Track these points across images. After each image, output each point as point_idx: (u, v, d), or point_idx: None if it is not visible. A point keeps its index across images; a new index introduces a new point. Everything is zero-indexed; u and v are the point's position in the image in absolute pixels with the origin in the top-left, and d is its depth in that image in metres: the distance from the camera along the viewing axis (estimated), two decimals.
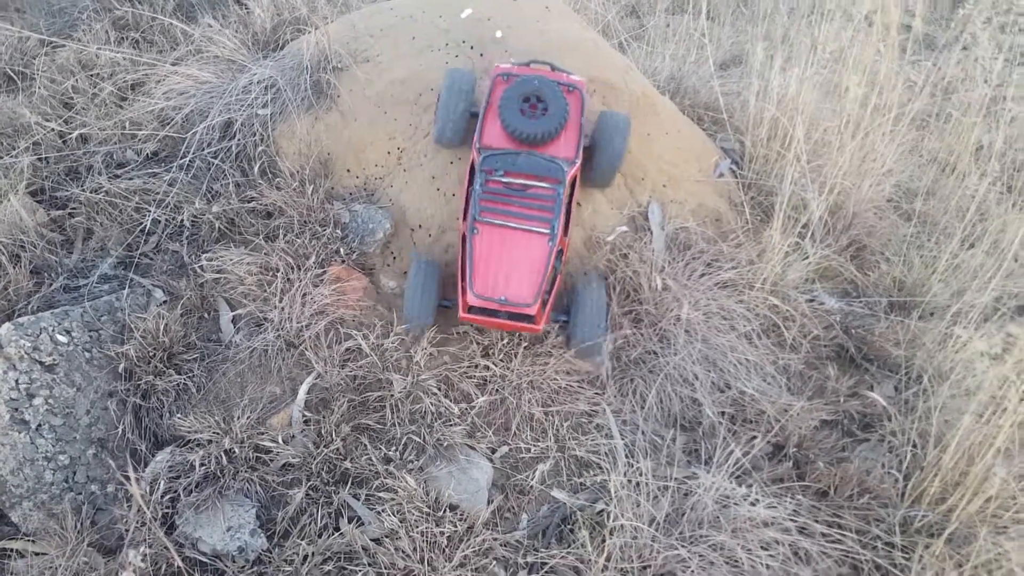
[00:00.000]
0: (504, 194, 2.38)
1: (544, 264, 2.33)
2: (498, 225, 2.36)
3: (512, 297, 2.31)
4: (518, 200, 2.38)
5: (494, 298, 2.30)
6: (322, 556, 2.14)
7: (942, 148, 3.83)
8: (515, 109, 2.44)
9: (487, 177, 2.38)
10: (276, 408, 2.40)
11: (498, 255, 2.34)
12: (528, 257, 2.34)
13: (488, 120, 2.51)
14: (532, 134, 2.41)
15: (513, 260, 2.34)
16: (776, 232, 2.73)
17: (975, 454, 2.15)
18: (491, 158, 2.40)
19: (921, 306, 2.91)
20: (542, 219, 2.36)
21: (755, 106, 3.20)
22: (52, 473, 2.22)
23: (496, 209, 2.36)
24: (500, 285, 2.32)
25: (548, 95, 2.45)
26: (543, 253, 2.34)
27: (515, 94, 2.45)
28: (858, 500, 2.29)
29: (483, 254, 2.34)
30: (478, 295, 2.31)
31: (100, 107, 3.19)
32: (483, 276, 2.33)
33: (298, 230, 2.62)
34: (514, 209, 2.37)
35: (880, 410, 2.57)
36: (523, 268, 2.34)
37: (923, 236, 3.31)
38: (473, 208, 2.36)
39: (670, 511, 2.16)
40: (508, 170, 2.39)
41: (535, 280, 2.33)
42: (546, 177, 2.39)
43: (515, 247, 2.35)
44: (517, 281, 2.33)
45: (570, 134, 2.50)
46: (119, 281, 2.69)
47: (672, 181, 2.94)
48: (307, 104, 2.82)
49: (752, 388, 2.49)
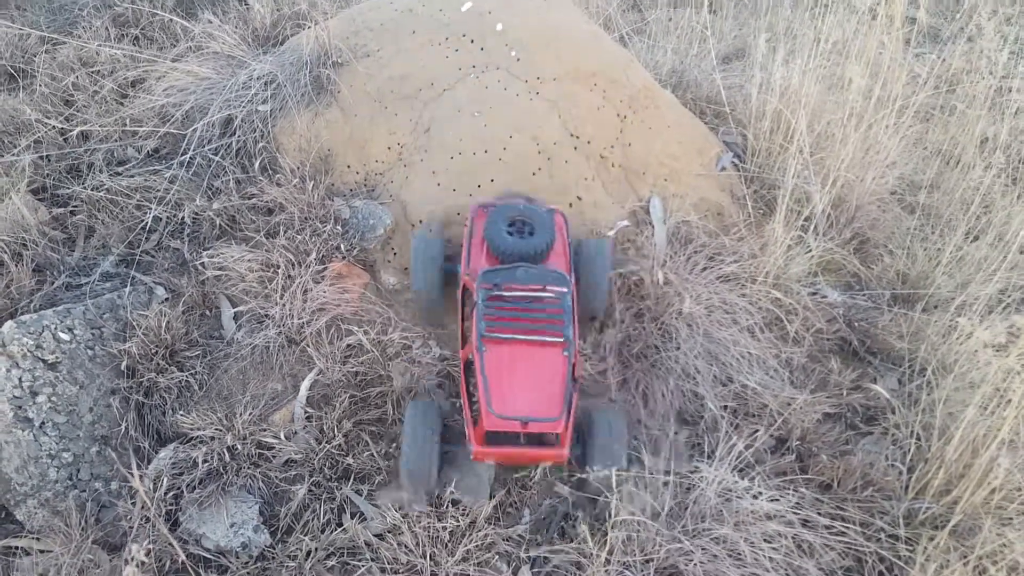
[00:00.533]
0: (509, 308, 2.19)
1: (563, 375, 2.11)
2: (507, 340, 2.14)
3: (536, 414, 2.06)
4: (525, 312, 2.19)
5: (516, 417, 2.04)
6: (325, 552, 2.14)
7: (946, 140, 3.81)
8: (503, 232, 2.33)
9: (487, 292, 2.20)
10: (278, 405, 2.40)
11: (511, 372, 2.11)
12: (545, 370, 2.12)
13: (474, 250, 2.39)
14: (524, 252, 2.29)
15: (529, 375, 2.12)
16: (779, 225, 2.72)
17: (979, 446, 2.14)
18: (490, 274, 2.23)
19: (925, 299, 2.89)
20: (553, 328, 2.16)
21: (757, 99, 3.19)
22: (56, 471, 2.23)
23: (503, 324, 2.16)
24: (520, 403, 2.07)
25: (532, 217, 2.38)
26: (560, 363, 2.13)
27: (500, 219, 2.36)
28: (862, 493, 2.29)
29: (496, 372, 2.10)
30: (499, 415, 2.04)
31: (101, 104, 3.19)
32: (499, 394, 2.07)
33: (299, 226, 2.62)
34: (522, 322, 2.17)
35: (883, 403, 2.56)
36: (542, 382, 2.11)
37: (927, 229, 3.29)
38: (478, 325, 2.16)
39: (673, 505, 2.16)
40: (508, 283, 2.22)
41: (557, 394, 2.09)
42: (551, 286, 2.22)
43: (529, 362, 2.14)
44: (538, 397, 2.09)
45: (559, 253, 2.40)
46: (121, 279, 2.69)
47: (673, 175, 2.93)
48: (307, 100, 2.81)
49: (755, 382, 2.48)
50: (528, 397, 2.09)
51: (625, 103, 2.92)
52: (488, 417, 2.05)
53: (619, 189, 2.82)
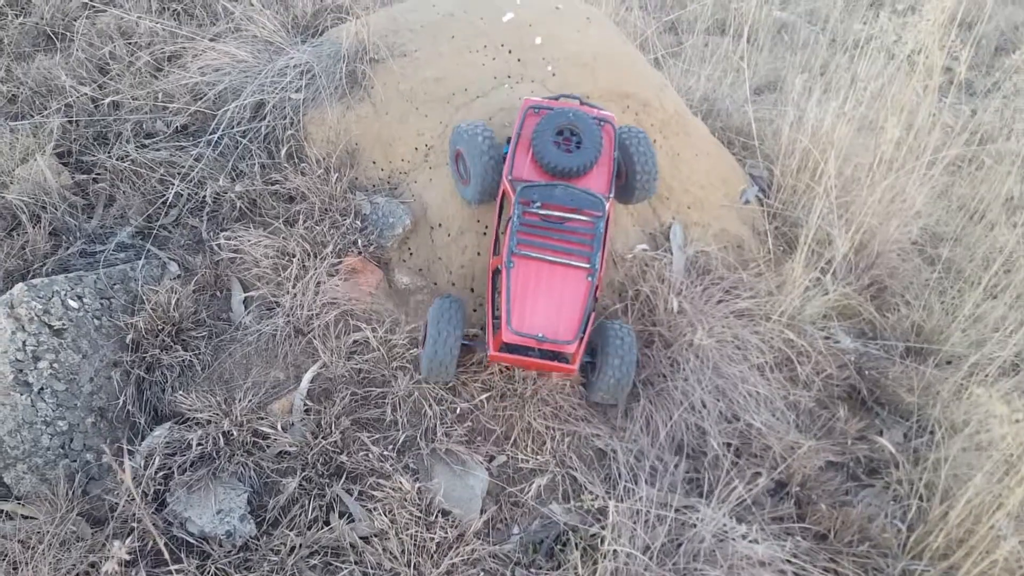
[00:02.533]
0: (542, 227, 2.27)
1: (584, 301, 2.23)
2: (535, 259, 2.24)
3: (552, 334, 2.19)
4: (556, 233, 2.27)
5: (532, 334, 2.18)
6: (309, 549, 2.12)
7: (973, 195, 3.77)
8: (549, 142, 2.35)
9: (524, 209, 2.28)
10: (278, 394, 2.38)
11: (535, 290, 2.23)
12: (567, 293, 2.23)
13: (519, 153, 2.42)
14: (568, 167, 2.33)
15: (552, 296, 2.23)
16: (799, 265, 2.69)
17: (983, 513, 2.11)
18: (528, 189, 2.29)
19: (938, 354, 2.86)
20: (581, 253, 2.26)
21: (788, 136, 3.16)
22: (49, 438, 2.22)
23: (534, 242, 2.25)
24: (538, 321, 2.20)
25: (582, 128, 2.38)
26: (583, 289, 2.24)
27: (549, 126, 2.37)
28: (858, 547, 2.25)
29: (521, 288, 2.22)
30: (516, 331, 2.18)
31: (135, 76, 3.19)
32: (520, 311, 2.20)
33: (318, 217, 2.60)
34: (552, 242, 2.26)
35: (888, 456, 2.52)
36: (562, 304, 2.23)
37: (946, 282, 3.26)
38: (510, 241, 2.25)
39: (666, 541, 2.12)
40: (546, 202, 2.29)
41: (575, 317, 2.21)
42: (586, 210, 2.29)
43: (553, 282, 2.24)
44: (556, 317, 2.21)
45: (603, 168, 2.42)
46: (136, 251, 2.68)
47: (697, 203, 2.91)
48: (340, 93, 2.80)
49: (760, 422, 2.45)
50: (546, 317, 2.21)
51: (656, 127, 2.90)
52: (506, 331, 2.19)
53: (641, 212, 2.80)
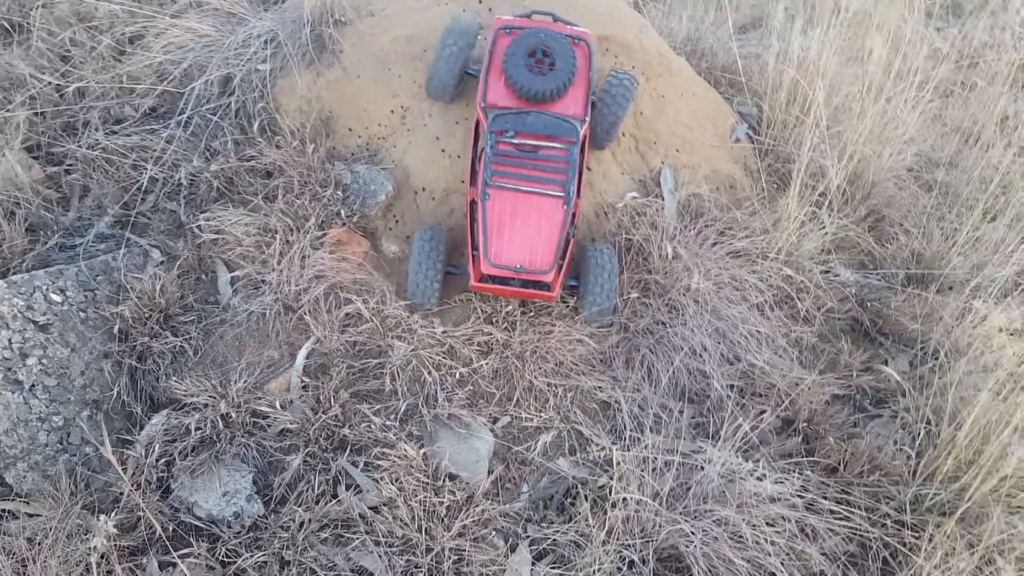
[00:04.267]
0: (516, 156, 2.27)
1: (560, 229, 2.24)
2: (510, 189, 2.24)
3: (528, 264, 2.21)
4: (530, 162, 2.27)
5: (510, 266, 2.21)
6: (319, 523, 2.10)
7: (966, 118, 3.70)
8: (521, 65, 2.31)
9: (497, 139, 2.26)
10: (274, 373, 2.35)
11: (512, 221, 2.24)
12: (543, 222, 2.25)
13: (491, 77, 2.38)
14: (541, 91, 2.29)
15: (528, 226, 2.24)
16: (792, 200, 2.64)
17: (991, 432, 2.09)
18: (500, 118, 2.28)
19: (939, 279, 2.82)
20: (556, 182, 2.26)
21: (774, 69, 3.09)
22: (46, 434, 2.18)
23: (508, 173, 2.25)
24: (515, 252, 2.22)
25: (555, 48, 2.33)
26: (558, 217, 2.24)
27: (520, 48, 2.32)
28: (868, 477, 2.24)
29: (496, 220, 2.23)
30: (493, 263, 2.21)
31: (98, 60, 3.10)
32: (497, 243, 2.22)
33: (298, 191, 2.54)
34: (527, 172, 2.26)
35: (894, 385, 2.50)
36: (538, 234, 2.24)
37: (944, 208, 3.21)
38: (484, 172, 2.24)
39: (675, 485, 2.11)
40: (519, 130, 2.27)
41: (551, 246, 2.24)
42: (559, 137, 2.28)
43: (529, 212, 2.25)
44: (533, 247, 2.23)
45: (578, 90, 2.38)
46: (116, 240, 2.62)
47: (686, 145, 2.85)
48: (308, 60, 2.72)
49: (762, 361, 2.42)
50: (523, 247, 2.22)
51: (638, 70, 2.82)
52: (484, 263, 2.21)
53: (629, 159, 2.74)
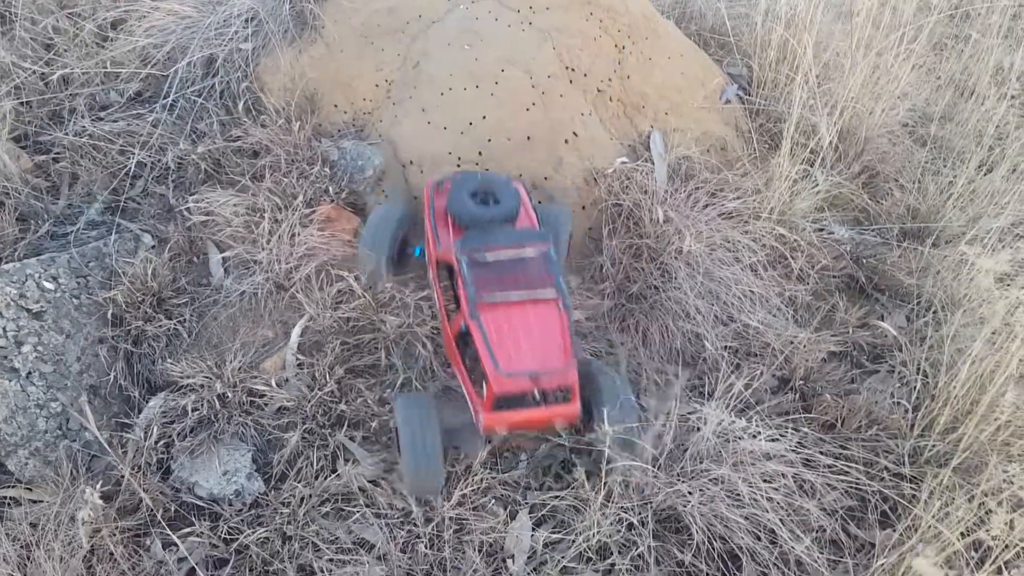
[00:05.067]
0: (495, 270, 2.09)
1: (564, 330, 2.03)
2: (501, 303, 2.04)
3: (543, 366, 1.96)
4: (511, 273, 2.09)
5: (524, 372, 1.94)
6: (320, 498, 2.12)
7: (960, 70, 3.66)
8: (468, 203, 2.21)
9: (470, 258, 2.09)
10: (269, 352, 2.35)
11: (512, 333, 2.02)
12: (545, 327, 2.03)
13: (440, 228, 2.28)
14: (495, 218, 2.21)
15: (531, 333, 2.03)
16: (784, 159, 2.61)
17: (987, 381, 2.08)
18: (468, 240, 2.13)
19: (935, 233, 2.80)
20: (545, 284, 2.08)
21: (763, 27, 3.05)
22: (45, 420, 2.20)
23: (492, 288, 2.06)
24: (526, 359, 1.97)
25: (495, 186, 2.27)
26: (559, 318, 2.04)
27: (461, 192, 2.24)
28: (866, 432, 2.24)
29: (497, 333, 2.00)
30: (507, 373, 1.93)
31: (81, 47, 3.08)
32: (506, 353, 1.97)
33: (285, 169, 2.53)
34: (511, 280, 2.08)
35: (891, 340, 2.49)
36: (544, 338, 2.02)
37: (939, 162, 3.18)
38: (469, 293, 2.04)
39: (672, 448, 2.11)
40: (490, 246, 2.11)
41: (562, 345, 2.01)
42: (530, 244, 2.13)
43: (527, 320, 2.04)
44: (543, 352, 1.99)
45: (525, 219, 2.30)
46: (107, 227, 2.63)
47: (675, 108, 2.82)
48: (290, 37, 2.70)
49: (757, 321, 2.41)
50: (534, 352, 1.99)
51: (624, 33, 2.79)
52: (496, 379, 1.93)
53: (618, 124, 2.72)
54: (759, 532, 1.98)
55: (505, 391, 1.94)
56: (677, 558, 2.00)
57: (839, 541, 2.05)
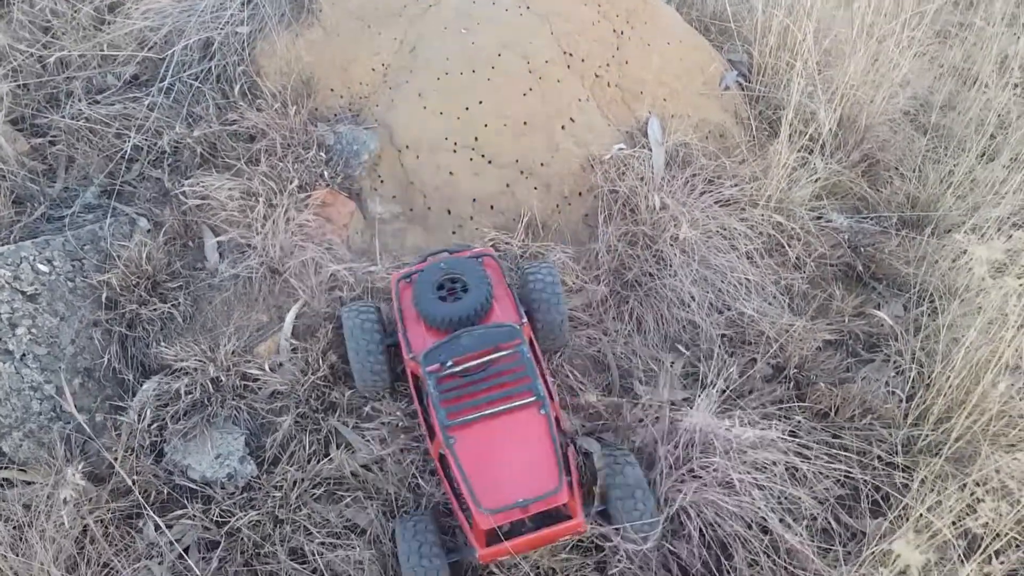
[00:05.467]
0: (465, 384, 1.94)
1: (549, 437, 1.87)
2: (475, 420, 1.89)
3: (532, 492, 1.80)
4: (484, 382, 1.94)
5: (510, 505, 1.79)
6: (312, 482, 2.12)
7: (962, 58, 3.63)
8: (433, 300, 2.10)
9: (437, 375, 1.94)
10: (263, 336, 2.35)
11: (491, 454, 1.87)
12: (527, 438, 1.89)
13: (410, 328, 2.15)
14: (464, 315, 2.05)
15: (511, 450, 1.88)
16: (783, 146, 2.59)
17: (980, 371, 2.07)
18: (431, 354, 1.97)
19: (934, 222, 2.78)
20: (521, 388, 1.92)
21: (763, 13, 3.02)
22: (39, 403, 2.20)
23: (464, 404, 1.91)
24: (510, 486, 1.82)
25: (462, 271, 2.13)
26: (541, 425, 1.89)
27: (426, 287, 2.12)
28: (860, 421, 2.23)
29: (473, 462, 1.85)
30: (491, 511, 1.78)
31: (78, 30, 3.06)
32: (484, 486, 1.82)
33: (281, 153, 2.52)
34: (484, 393, 1.93)
35: (887, 330, 2.48)
36: (528, 453, 1.87)
37: (939, 150, 3.16)
38: (439, 415, 1.90)
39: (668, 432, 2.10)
40: (456, 356, 1.96)
41: (550, 460, 1.85)
42: (502, 344, 1.98)
43: (507, 434, 1.89)
44: (528, 471, 1.84)
45: (503, 300, 2.16)
46: (102, 210, 2.62)
47: (673, 95, 2.80)
48: (287, 20, 2.69)
49: (752, 309, 2.40)
50: (518, 476, 1.84)
51: (622, 18, 2.77)
52: (481, 517, 1.79)
53: (615, 110, 2.70)
54: (751, 521, 1.98)
55: (491, 527, 1.81)
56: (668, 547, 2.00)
57: (830, 530, 2.05)
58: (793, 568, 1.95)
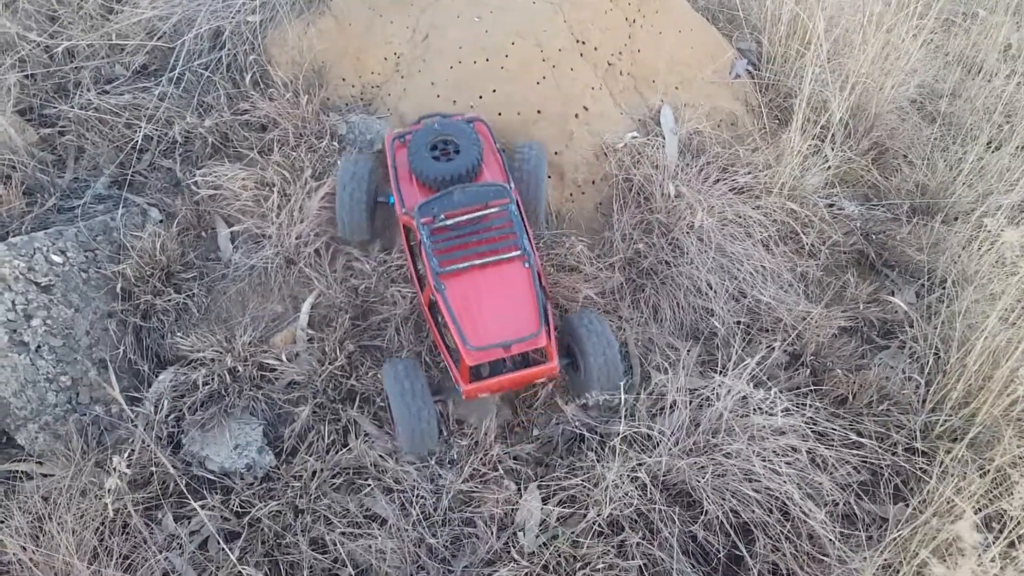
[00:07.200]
0: (456, 236, 2.09)
1: (532, 289, 2.05)
2: (464, 269, 2.05)
3: (514, 334, 1.98)
4: (474, 235, 2.10)
5: (495, 343, 1.97)
6: (331, 472, 2.11)
7: (968, 47, 3.64)
8: (427, 159, 2.23)
9: (430, 227, 2.09)
10: (279, 326, 2.34)
11: (478, 300, 2.03)
12: (512, 288, 2.05)
13: (403, 185, 2.28)
14: (455, 173, 2.20)
15: (497, 298, 2.04)
16: (795, 134, 2.59)
17: (1000, 356, 2.08)
18: (425, 206, 2.11)
19: (945, 209, 2.79)
20: (508, 243, 2.08)
21: (773, 2, 3.02)
22: (55, 394, 2.19)
23: (454, 254, 2.07)
24: (496, 328, 1.99)
25: (454, 133, 2.25)
26: (525, 278, 2.05)
27: (420, 146, 2.23)
28: (878, 407, 2.24)
29: (462, 306, 2.02)
30: (477, 347, 1.96)
31: (86, 20, 3.04)
32: (473, 327, 2.00)
33: (293, 143, 2.51)
34: (473, 246, 2.08)
35: (901, 316, 2.49)
36: (512, 302, 2.03)
37: (948, 138, 3.17)
38: (431, 263, 2.04)
39: (687, 422, 2.10)
40: (448, 210, 2.11)
41: (531, 308, 2.02)
42: (492, 201, 2.12)
43: (493, 284, 2.05)
44: (512, 317, 2.01)
45: (491, 164, 2.29)
46: (114, 200, 2.60)
47: (685, 83, 2.80)
48: (298, 9, 2.67)
49: (768, 296, 2.40)
50: (502, 320, 2.01)
51: (634, 6, 2.76)
52: (468, 353, 1.97)
53: (628, 98, 2.69)
54: (772, 506, 1.98)
55: (477, 362, 1.99)
56: (690, 531, 2.00)
57: (852, 515, 2.05)
58: (815, 553, 1.96)
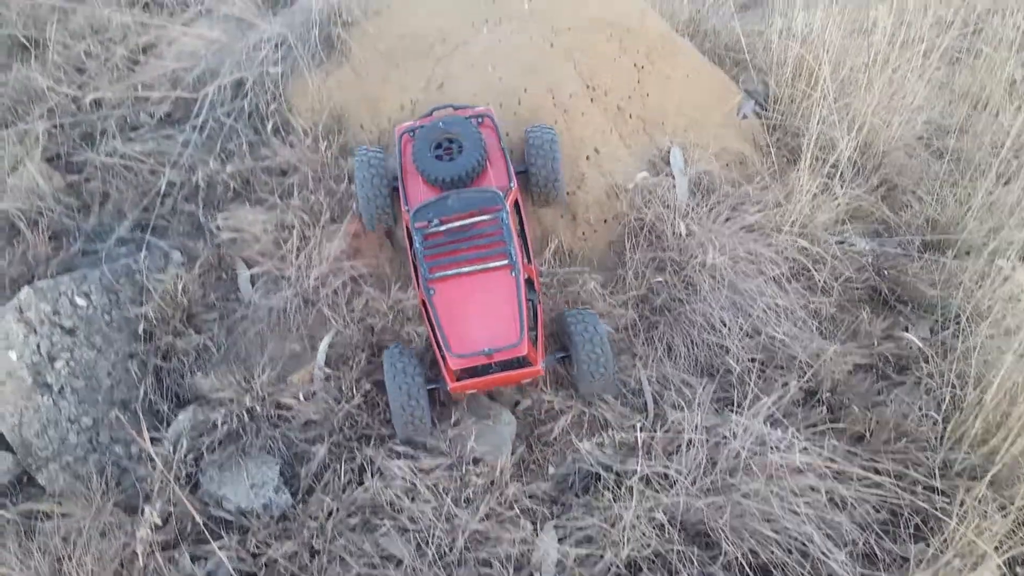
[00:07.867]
0: (447, 242, 2.17)
1: (515, 298, 2.11)
2: (452, 276, 2.13)
3: (494, 343, 2.07)
4: (464, 242, 2.17)
5: (476, 351, 2.07)
6: (347, 511, 2.12)
7: (974, 83, 3.68)
8: (430, 158, 2.28)
9: (424, 231, 2.17)
10: (296, 365, 2.37)
11: (464, 306, 2.12)
12: (497, 296, 2.12)
13: (409, 182, 2.35)
14: (455, 175, 2.25)
15: (482, 306, 2.12)
16: (804, 173, 2.63)
17: (1019, 393, 2.07)
18: (420, 211, 2.19)
19: (956, 244, 2.80)
20: (496, 252, 2.15)
21: (778, 45, 3.08)
22: (76, 435, 2.22)
23: (444, 260, 2.15)
24: (478, 336, 2.08)
25: (458, 132, 2.30)
26: (510, 286, 2.12)
27: (424, 144, 2.30)
28: (895, 444, 2.22)
29: (447, 312, 2.12)
30: (460, 355, 2.07)
31: (112, 71, 3.15)
32: (456, 334, 2.09)
33: (312, 187, 2.57)
34: (463, 253, 2.16)
35: (916, 352, 2.48)
36: (496, 310, 2.12)
37: (956, 174, 3.18)
38: (421, 268, 2.15)
39: (703, 460, 2.10)
40: (442, 215, 2.18)
41: (513, 317, 2.10)
42: (484, 208, 2.18)
43: (478, 292, 2.13)
44: (494, 325, 2.10)
45: (497, 163, 2.34)
46: (136, 244, 2.67)
47: (694, 124, 2.85)
48: (318, 60, 2.76)
49: (782, 333, 2.41)
50: (485, 328, 2.10)
51: (642, 53, 2.83)
52: (451, 359, 2.08)
53: (638, 140, 2.75)
54: (791, 546, 1.97)
55: (459, 367, 2.10)
56: (709, 572, 1.98)
57: (872, 555, 2.03)
58: None
